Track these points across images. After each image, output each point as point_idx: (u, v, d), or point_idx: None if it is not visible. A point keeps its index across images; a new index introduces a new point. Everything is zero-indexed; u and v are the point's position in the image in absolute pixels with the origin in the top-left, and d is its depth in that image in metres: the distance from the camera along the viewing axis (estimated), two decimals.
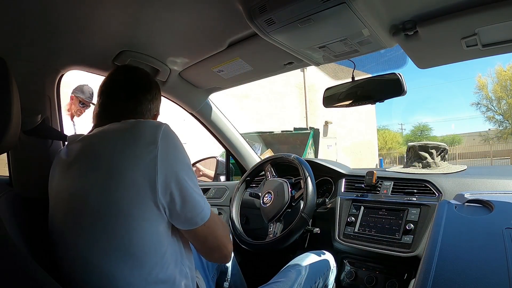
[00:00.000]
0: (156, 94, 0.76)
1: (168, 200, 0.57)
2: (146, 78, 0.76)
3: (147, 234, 0.56)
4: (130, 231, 0.54)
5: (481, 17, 0.68)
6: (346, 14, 0.68)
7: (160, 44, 0.95)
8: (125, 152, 0.55)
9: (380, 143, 20.72)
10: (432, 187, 1.05)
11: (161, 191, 0.55)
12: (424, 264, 0.53)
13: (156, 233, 0.57)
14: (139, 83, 0.74)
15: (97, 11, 0.73)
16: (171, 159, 0.57)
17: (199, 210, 0.61)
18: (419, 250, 0.92)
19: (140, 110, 0.71)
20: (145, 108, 0.72)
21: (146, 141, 0.56)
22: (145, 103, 0.72)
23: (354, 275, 1.08)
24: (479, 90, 19.10)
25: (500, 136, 18.94)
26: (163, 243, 0.58)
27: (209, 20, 0.81)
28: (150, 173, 0.54)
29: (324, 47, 0.86)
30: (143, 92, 0.73)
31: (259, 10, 0.70)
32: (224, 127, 1.51)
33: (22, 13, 0.69)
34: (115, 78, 0.73)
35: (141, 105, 0.72)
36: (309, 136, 6.08)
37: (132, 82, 0.73)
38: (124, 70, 0.76)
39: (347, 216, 1.13)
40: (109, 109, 0.70)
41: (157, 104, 0.77)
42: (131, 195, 0.54)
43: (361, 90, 1.06)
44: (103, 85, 0.73)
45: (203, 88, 1.33)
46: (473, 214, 0.70)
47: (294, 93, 10.44)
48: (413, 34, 0.78)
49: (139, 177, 0.54)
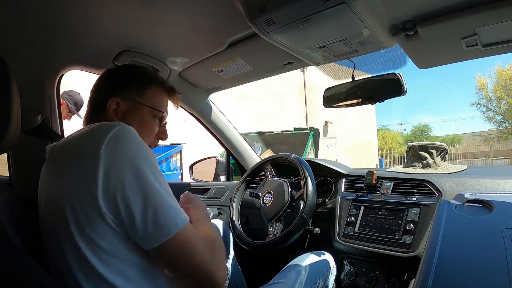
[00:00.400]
0: (132, 91, 0.68)
1: (117, 209, 0.49)
2: (121, 72, 0.71)
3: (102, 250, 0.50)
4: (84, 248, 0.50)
5: (481, 17, 0.68)
6: (346, 14, 0.68)
7: (160, 44, 0.95)
8: (74, 161, 0.53)
9: (380, 143, 20.72)
10: (432, 187, 1.05)
11: (106, 201, 0.49)
12: (424, 264, 0.53)
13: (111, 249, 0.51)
14: (111, 79, 0.70)
15: (97, 11, 0.73)
16: (117, 165, 0.50)
17: (164, 220, 0.51)
18: (419, 250, 0.92)
19: (108, 111, 0.66)
20: (115, 108, 0.66)
21: (91, 148, 0.51)
22: (112, 103, 0.66)
23: (354, 275, 1.08)
24: (479, 90, 19.12)
25: (500, 136, 18.94)
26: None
27: (209, 20, 0.81)
28: (91, 183, 0.49)
29: (324, 47, 0.86)
30: (112, 89, 0.67)
31: (259, 10, 0.70)
32: (224, 127, 1.51)
33: (22, 13, 0.69)
34: (98, 78, 0.72)
35: (108, 104, 0.66)
36: (309, 136, 6.09)
37: (105, 78, 0.70)
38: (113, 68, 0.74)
39: (347, 216, 1.13)
40: (87, 111, 0.70)
41: (134, 105, 0.68)
42: (76, 205, 0.50)
43: (361, 90, 1.06)
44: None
45: (203, 88, 1.33)
46: (473, 214, 0.70)
47: (294, 93, 10.43)
48: (413, 34, 0.78)
49: (83, 187, 0.50)
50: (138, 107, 0.68)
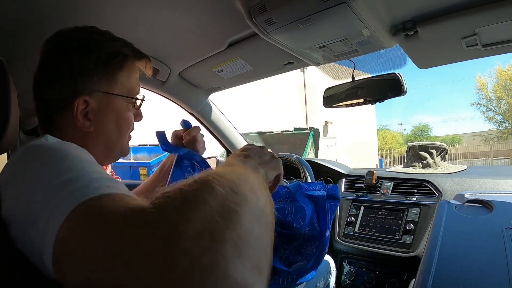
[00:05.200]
0: (101, 80, 0.49)
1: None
2: (76, 49, 0.48)
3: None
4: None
5: (481, 17, 0.68)
6: (346, 14, 0.68)
7: (160, 44, 0.95)
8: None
9: (380, 143, 20.72)
10: (432, 187, 1.05)
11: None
12: (424, 264, 0.53)
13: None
14: (69, 64, 0.48)
15: (96, 11, 0.73)
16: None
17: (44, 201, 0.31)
18: (419, 250, 0.92)
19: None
20: (83, 108, 0.48)
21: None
22: (80, 104, 0.48)
23: (354, 275, 1.08)
24: (479, 90, 19.11)
25: (500, 136, 18.93)
26: None
27: (209, 20, 0.81)
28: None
29: (324, 47, 0.86)
30: (74, 83, 0.48)
31: (259, 10, 0.70)
32: (224, 127, 1.51)
33: (22, 13, 0.69)
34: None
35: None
36: (309, 136, 6.09)
37: (58, 62, 0.49)
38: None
39: (347, 216, 1.13)
40: (40, 114, 0.53)
41: (105, 99, 0.50)
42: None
43: (361, 90, 1.06)
44: None
45: (203, 88, 1.33)
46: (473, 214, 0.70)
47: (294, 93, 10.43)
48: (413, 34, 0.78)
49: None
50: (111, 101, 0.51)
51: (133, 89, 0.54)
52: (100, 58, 0.49)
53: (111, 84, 0.50)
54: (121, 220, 0.25)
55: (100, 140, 0.51)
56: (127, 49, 0.53)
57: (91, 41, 0.50)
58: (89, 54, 0.48)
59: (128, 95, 0.53)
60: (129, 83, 0.53)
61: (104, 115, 0.50)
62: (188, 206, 0.25)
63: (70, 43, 0.49)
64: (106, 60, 0.49)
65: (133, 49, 0.54)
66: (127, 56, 0.52)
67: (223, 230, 0.24)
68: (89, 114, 0.49)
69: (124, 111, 0.53)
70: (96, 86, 0.49)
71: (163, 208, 0.25)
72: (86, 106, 0.48)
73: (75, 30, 0.51)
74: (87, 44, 0.49)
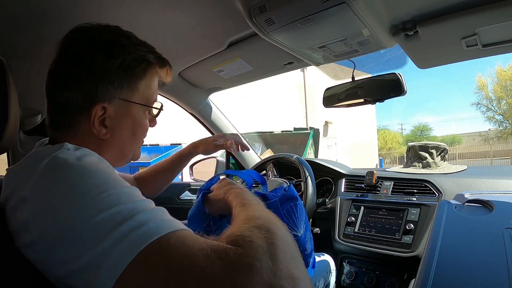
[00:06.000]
0: (122, 86, 0.47)
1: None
2: (99, 52, 0.46)
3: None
4: None
5: (481, 17, 0.68)
6: (346, 14, 0.68)
7: (160, 44, 0.95)
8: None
9: (380, 143, 20.71)
10: (432, 187, 1.05)
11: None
12: (424, 264, 0.53)
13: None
14: (91, 69, 0.45)
15: (97, 11, 0.73)
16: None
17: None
18: (419, 250, 0.92)
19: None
20: (101, 115, 0.46)
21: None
22: (98, 110, 0.46)
23: (354, 275, 1.08)
24: (479, 90, 19.10)
25: (500, 136, 18.93)
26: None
27: (209, 20, 0.81)
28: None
29: (324, 47, 0.86)
30: (94, 89, 0.45)
31: (259, 10, 0.70)
32: (224, 127, 1.51)
33: (22, 13, 0.69)
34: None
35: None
36: (309, 136, 6.09)
37: (79, 65, 0.45)
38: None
39: (347, 216, 1.13)
40: (50, 117, 0.51)
41: (124, 106, 0.49)
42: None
43: (361, 90, 1.06)
44: None
45: (203, 88, 1.33)
46: (473, 214, 0.70)
47: (294, 93, 10.43)
48: (413, 34, 0.78)
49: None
50: (129, 108, 0.49)
51: (151, 97, 0.53)
52: (124, 63, 0.46)
53: (131, 91, 0.48)
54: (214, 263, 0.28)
55: (115, 147, 0.50)
56: (151, 55, 0.51)
57: (116, 44, 0.47)
58: (113, 58, 0.45)
59: (146, 103, 0.51)
60: (149, 90, 0.51)
61: (121, 122, 0.49)
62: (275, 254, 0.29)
63: (94, 44, 0.46)
64: (129, 67, 0.47)
65: (156, 56, 0.52)
66: (150, 63, 0.50)
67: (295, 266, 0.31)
68: (106, 121, 0.47)
69: (141, 119, 0.52)
70: (116, 93, 0.46)
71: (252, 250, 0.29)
72: (103, 112, 0.46)
73: (99, 30, 0.48)
74: (112, 47, 0.46)
